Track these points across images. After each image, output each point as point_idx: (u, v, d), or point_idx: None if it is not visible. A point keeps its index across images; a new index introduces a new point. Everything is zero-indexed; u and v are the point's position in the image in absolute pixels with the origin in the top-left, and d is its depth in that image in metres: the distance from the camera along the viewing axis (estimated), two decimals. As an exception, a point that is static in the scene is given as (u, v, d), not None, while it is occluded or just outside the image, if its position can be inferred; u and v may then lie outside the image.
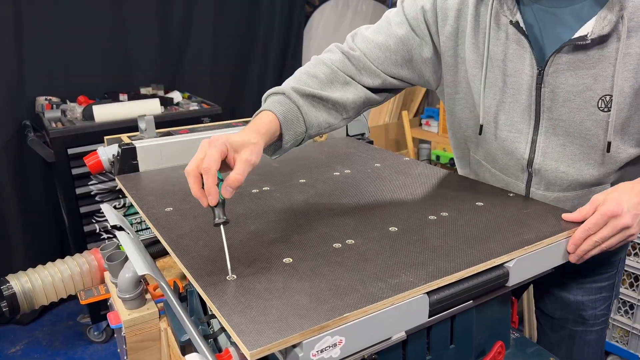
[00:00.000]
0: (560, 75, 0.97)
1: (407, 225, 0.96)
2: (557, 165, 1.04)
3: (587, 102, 0.96)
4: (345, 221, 0.99)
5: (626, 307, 2.17)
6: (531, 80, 1.00)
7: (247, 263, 0.83)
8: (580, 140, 1.01)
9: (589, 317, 1.23)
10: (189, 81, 3.11)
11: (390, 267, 0.80)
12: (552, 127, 1.02)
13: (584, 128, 0.99)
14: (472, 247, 0.86)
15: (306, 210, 1.05)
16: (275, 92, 1.01)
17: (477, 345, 0.95)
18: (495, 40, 1.02)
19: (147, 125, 1.38)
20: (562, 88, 0.97)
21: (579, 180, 1.04)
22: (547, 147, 1.04)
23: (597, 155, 1.01)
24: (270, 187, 1.18)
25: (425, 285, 0.75)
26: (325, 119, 1.04)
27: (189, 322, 0.90)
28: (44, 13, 2.51)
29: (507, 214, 1.00)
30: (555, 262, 0.93)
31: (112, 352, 2.46)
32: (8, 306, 1.64)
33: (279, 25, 3.39)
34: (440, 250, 0.86)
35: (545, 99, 1.00)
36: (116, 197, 2.37)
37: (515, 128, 1.06)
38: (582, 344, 1.26)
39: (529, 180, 1.10)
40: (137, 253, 1.03)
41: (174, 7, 2.95)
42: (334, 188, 1.17)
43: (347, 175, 1.26)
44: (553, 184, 1.07)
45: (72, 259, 1.73)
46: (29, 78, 2.53)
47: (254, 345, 0.61)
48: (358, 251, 0.86)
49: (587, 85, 0.95)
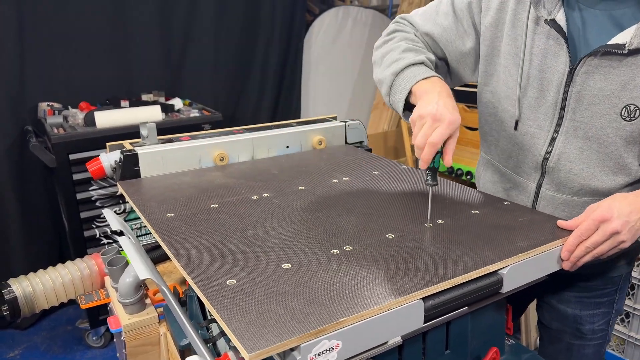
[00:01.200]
0: (590, 77, 0.98)
1: (404, 233, 0.98)
2: (572, 166, 1.05)
3: (610, 109, 0.97)
4: (343, 228, 1.00)
5: (622, 316, 2.19)
6: (561, 78, 1.01)
7: (247, 268, 0.84)
8: (597, 146, 1.02)
9: (587, 331, 1.23)
10: (190, 88, 3.14)
11: (387, 273, 0.82)
12: (573, 128, 1.03)
13: (604, 134, 1.00)
14: (466, 254, 0.88)
15: (305, 217, 1.06)
16: (414, 63, 1.08)
17: (472, 351, 0.96)
18: (533, 34, 1.04)
19: (148, 132, 1.40)
20: (589, 90, 0.99)
21: (591, 185, 1.05)
22: (565, 148, 1.05)
23: (612, 164, 1.02)
24: (269, 194, 1.20)
25: (420, 291, 0.76)
26: None
27: (189, 326, 0.92)
28: (46, 20, 2.54)
29: (502, 222, 1.02)
30: (549, 270, 0.95)
31: (110, 357, 2.47)
32: (9, 310, 1.64)
33: (279, 33, 3.42)
34: (436, 257, 0.87)
35: (572, 99, 1.01)
36: (117, 202, 2.39)
37: (537, 124, 1.07)
38: (580, 357, 1.27)
39: (540, 180, 1.11)
40: (139, 257, 1.05)
41: (175, 14, 2.98)
42: (332, 195, 1.19)
43: (346, 183, 1.27)
44: (564, 185, 1.08)
45: (73, 263, 1.74)
46: (31, 84, 2.56)
47: (252, 348, 0.63)
48: (355, 257, 0.88)
49: (614, 92, 0.96)
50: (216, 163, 1.42)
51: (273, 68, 3.47)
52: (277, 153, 1.53)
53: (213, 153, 1.42)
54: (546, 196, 1.12)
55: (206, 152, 1.41)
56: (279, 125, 1.61)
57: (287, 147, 1.55)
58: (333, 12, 3.74)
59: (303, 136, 1.58)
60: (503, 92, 1.12)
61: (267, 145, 1.51)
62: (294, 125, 1.63)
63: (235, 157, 1.46)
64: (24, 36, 2.48)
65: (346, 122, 1.67)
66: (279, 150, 1.54)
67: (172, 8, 2.96)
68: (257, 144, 1.49)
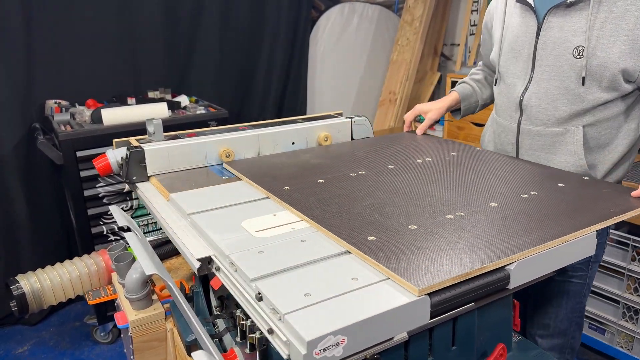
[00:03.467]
0: (550, 30, 1.32)
1: (505, 202, 1.09)
2: (540, 102, 1.36)
3: (565, 51, 1.29)
4: (448, 198, 1.10)
5: (631, 313, 2.17)
6: (532, 35, 1.36)
7: (379, 228, 0.94)
8: (558, 83, 1.32)
9: (568, 267, 1.37)
10: (196, 85, 3.15)
11: (502, 232, 0.94)
12: (540, 72, 1.36)
13: (563, 71, 1.31)
14: (550, 226, 0.96)
15: (408, 190, 1.16)
16: (460, 82, 1.72)
17: (478, 348, 0.96)
18: (510, 13, 1.44)
19: (155, 129, 1.41)
20: (551, 39, 1.32)
21: (555, 115, 1.34)
22: (534, 89, 1.37)
23: (571, 95, 1.31)
24: (365, 172, 1.29)
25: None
26: (489, 94, 1.68)
27: (196, 322, 0.92)
28: (53, 18, 2.55)
29: (587, 194, 1.13)
30: (556, 266, 0.94)
31: (118, 352, 2.48)
32: (17, 306, 1.66)
33: (285, 30, 3.42)
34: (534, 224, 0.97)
35: (539, 49, 1.35)
36: (124, 199, 2.40)
37: (517, 75, 1.42)
38: (562, 293, 1.44)
39: (519, 119, 1.42)
40: (145, 254, 1.05)
41: (181, 12, 2.98)
42: (423, 172, 1.29)
43: (430, 162, 1.38)
44: (536, 118, 1.38)
45: (80, 260, 1.76)
46: (38, 82, 2.57)
47: (419, 284, 0.74)
48: (471, 220, 0.99)
49: (567, 38, 1.29)
50: (222, 159, 1.42)
51: (279, 65, 3.47)
52: (282, 149, 1.53)
53: (219, 149, 1.42)
54: (524, 130, 1.41)
55: (212, 149, 1.41)
56: (284, 122, 1.61)
57: (293, 144, 1.55)
58: (339, 8, 3.73)
59: (309, 132, 1.58)
60: (494, 61, 1.52)
61: (273, 142, 1.51)
62: (299, 121, 1.62)
63: (241, 154, 1.46)
64: (32, 34, 2.49)
65: (352, 118, 1.67)
66: (285, 146, 1.54)
67: (179, 6, 2.97)
68: (263, 140, 1.49)
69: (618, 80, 1.25)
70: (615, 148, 1.35)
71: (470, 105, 1.68)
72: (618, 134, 1.34)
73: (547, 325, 1.46)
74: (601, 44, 1.23)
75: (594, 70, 1.25)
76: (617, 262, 2.17)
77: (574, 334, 1.48)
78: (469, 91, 1.67)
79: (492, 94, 1.67)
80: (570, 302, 1.44)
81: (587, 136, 1.33)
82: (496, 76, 1.50)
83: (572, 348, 1.50)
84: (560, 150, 1.35)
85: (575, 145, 1.33)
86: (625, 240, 2.12)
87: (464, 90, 1.67)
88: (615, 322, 2.22)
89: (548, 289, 1.45)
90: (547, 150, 1.37)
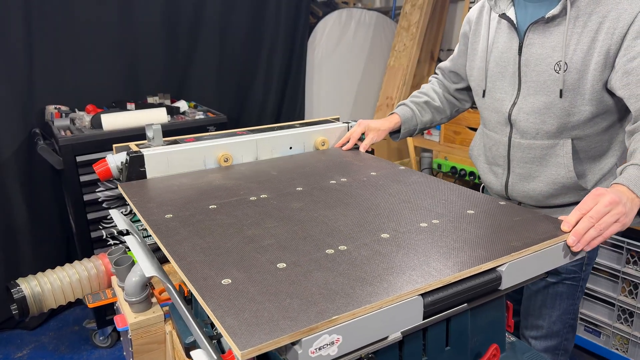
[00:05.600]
0: (531, 47, 1.33)
1: (398, 233, 0.99)
2: (528, 117, 1.36)
3: (548, 67, 1.30)
4: (339, 228, 1.02)
5: (625, 315, 2.19)
6: (515, 53, 1.37)
7: (242, 268, 0.85)
8: (543, 97, 1.32)
9: (561, 269, 1.42)
10: (195, 91, 3.17)
11: (381, 271, 0.83)
12: (526, 88, 1.36)
13: (547, 87, 1.31)
14: (463, 252, 0.90)
15: (301, 218, 1.08)
16: (400, 104, 1.71)
17: (472, 348, 0.98)
18: (494, 27, 1.44)
19: (154, 134, 1.43)
20: (533, 57, 1.33)
21: (543, 128, 1.35)
22: (521, 104, 1.37)
23: (557, 110, 1.31)
24: (268, 195, 1.22)
25: (419, 287, 0.78)
26: (429, 118, 1.70)
27: (195, 324, 0.94)
28: (53, 23, 2.57)
29: (498, 222, 1.04)
30: (548, 267, 0.96)
31: (117, 356, 2.49)
32: (18, 309, 1.67)
33: (283, 36, 3.44)
34: (431, 255, 0.89)
35: (523, 66, 1.35)
36: (123, 203, 2.41)
37: (504, 90, 1.42)
38: (555, 295, 1.45)
39: (510, 133, 1.42)
40: (145, 256, 1.07)
41: (180, 17, 3.01)
42: (329, 196, 1.21)
43: (344, 184, 1.29)
44: (526, 132, 1.38)
45: (80, 263, 1.77)
46: (38, 87, 2.59)
47: (245, 345, 0.64)
48: (350, 256, 0.89)
49: (548, 54, 1.30)
50: (220, 164, 1.44)
51: (277, 70, 3.49)
52: (280, 154, 1.55)
53: (217, 154, 1.44)
54: (514, 143, 1.42)
55: (210, 153, 1.44)
56: (282, 127, 1.64)
57: (291, 148, 1.57)
58: (336, 14, 3.75)
59: (306, 137, 1.60)
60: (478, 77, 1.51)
61: (271, 147, 1.53)
62: (297, 126, 1.65)
63: (239, 158, 1.48)
64: (32, 40, 2.51)
65: (349, 123, 1.69)
66: (282, 151, 1.56)
67: (178, 11, 2.99)
68: (261, 145, 1.51)
69: (600, 93, 1.25)
70: (606, 159, 1.36)
71: (409, 129, 1.66)
72: (610, 147, 1.35)
73: (541, 326, 1.48)
74: (579, 58, 1.24)
75: (575, 84, 1.26)
76: (611, 264, 2.19)
77: (567, 335, 1.50)
78: (409, 114, 1.65)
79: (432, 119, 1.69)
80: (563, 304, 1.46)
81: (576, 148, 1.34)
82: (484, 88, 1.48)
83: (566, 350, 1.52)
84: (551, 163, 1.36)
85: (564, 157, 1.34)
86: (619, 244, 2.14)
87: (405, 114, 1.65)
88: (610, 325, 2.23)
89: (541, 291, 1.47)
90: (537, 163, 1.38)
